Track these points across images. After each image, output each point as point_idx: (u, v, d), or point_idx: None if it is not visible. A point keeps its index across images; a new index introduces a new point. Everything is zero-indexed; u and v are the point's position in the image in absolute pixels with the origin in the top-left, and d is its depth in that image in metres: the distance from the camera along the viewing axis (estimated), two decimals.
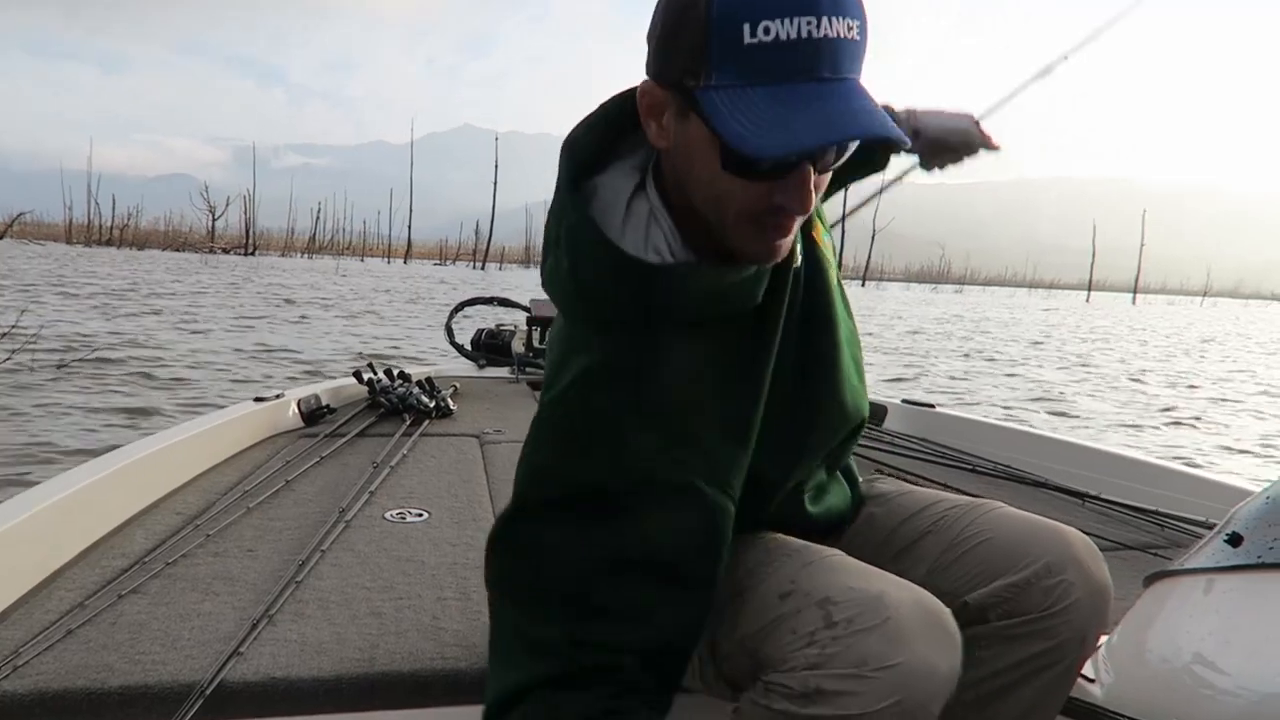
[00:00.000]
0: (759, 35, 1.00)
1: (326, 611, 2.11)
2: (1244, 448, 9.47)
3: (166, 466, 3.09)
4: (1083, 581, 1.32)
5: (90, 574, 2.29)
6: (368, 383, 4.74)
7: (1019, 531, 1.38)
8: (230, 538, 2.61)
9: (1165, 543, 2.89)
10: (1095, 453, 3.70)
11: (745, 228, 1.14)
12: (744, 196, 1.11)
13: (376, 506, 2.98)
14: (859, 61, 1.05)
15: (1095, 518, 3.17)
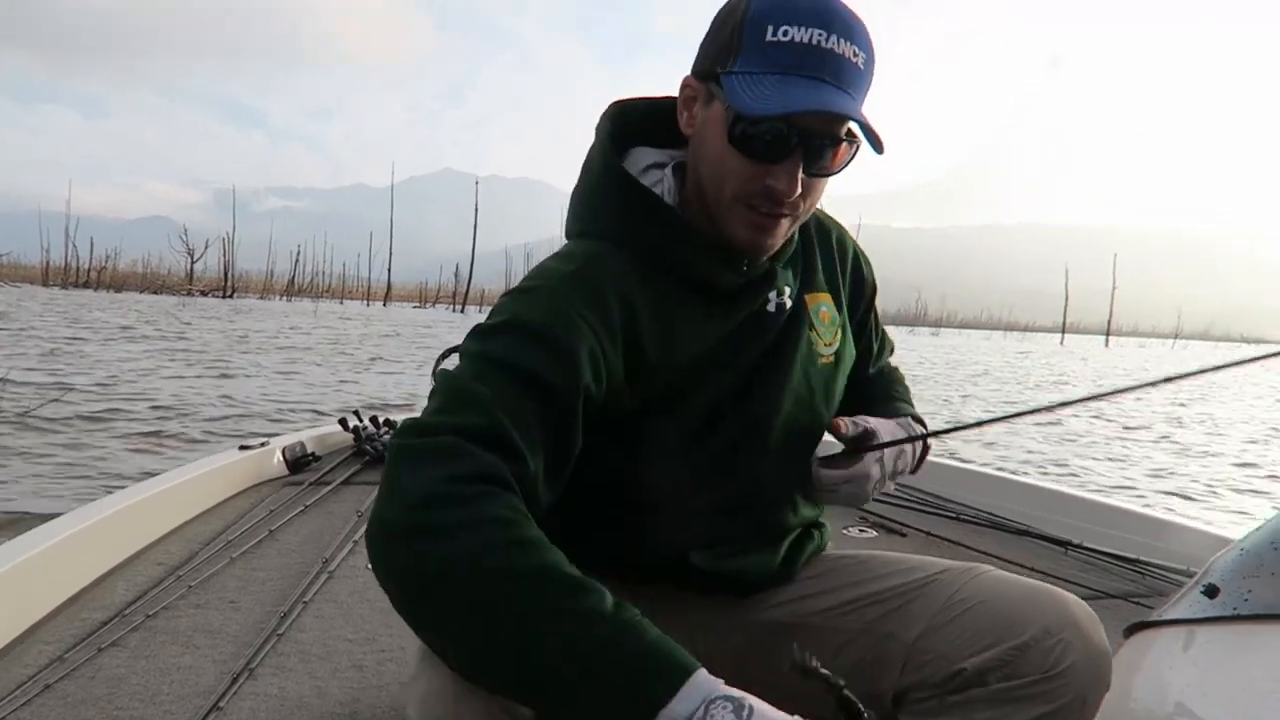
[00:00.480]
0: (778, 35, 1.22)
1: (308, 664, 2.10)
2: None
3: (149, 516, 3.07)
4: (1081, 644, 1.31)
5: (69, 627, 2.27)
6: (353, 430, 4.74)
7: (1015, 596, 1.38)
8: (212, 589, 2.60)
9: (1146, 591, 2.92)
10: (1077, 500, 3.74)
11: (739, 211, 1.30)
12: (741, 174, 1.27)
13: (360, 556, 2.96)
14: (860, 89, 1.25)
15: (1078, 566, 3.20)
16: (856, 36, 1.25)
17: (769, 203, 1.28)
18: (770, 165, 1.26)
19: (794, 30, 1.22)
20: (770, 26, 1.23)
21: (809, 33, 1.22)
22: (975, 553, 3.22)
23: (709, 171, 1.32)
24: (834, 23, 1.23)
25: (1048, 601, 1.34)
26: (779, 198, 1.27)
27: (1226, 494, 9.46)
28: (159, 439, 8.18)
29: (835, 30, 1.23)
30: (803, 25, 1.22)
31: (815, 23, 1.22)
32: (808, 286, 1.52)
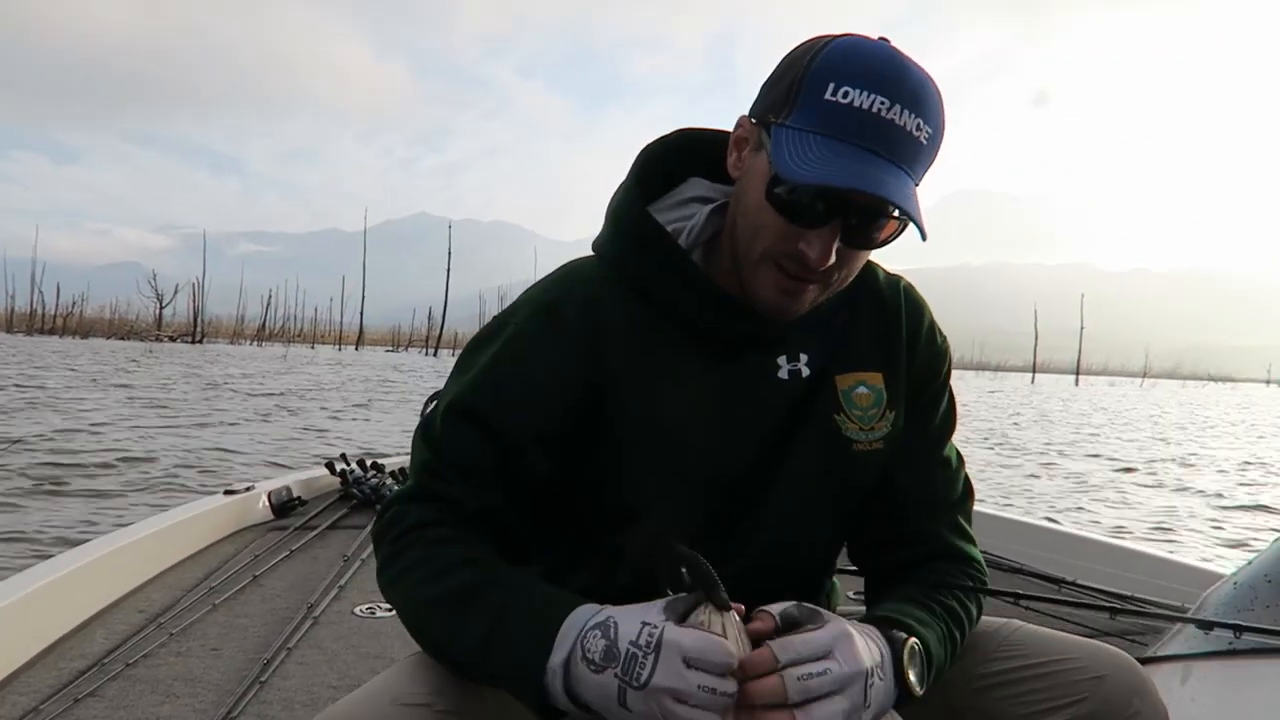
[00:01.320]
0: (837, 96, 1.13)
1: (291, 713, 2.05)
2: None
3: (131, 562, 3.02)
4: (1149, 706, 1.22)
5: (46, 677, 2.21)
6: (340, 474, 4.70)
7: (1070, 655, 1.26)
8: (194, 636, 2.54)
9: (1140, 629, 2.89)
10: (1068, 537, 3.74)
11: (767, 270, 1.22)
12: (775, 233, 1.20)
13: (346, 601, 2.92)
14: (919, 164, 1.17)
15: (1072, 604, 3.15)
16: (924, 109, 1.16)
17: (799, 266, 1.20)
18: (806, 230, 1.18)
19: (855, 93, 1.14)
20: (831, 85, 1.15)
21: (871, 98, 1.13)
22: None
23: (745, 223, 1.25)
24: (901, 92, 1.14)
25: (1113, 660, 1.25)
26: (810, 265, 1.19)
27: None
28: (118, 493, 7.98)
29: (901, 100, 1.14)
30: (866, 90, 1.13)
31: (880, 89, 1.14)
32: (842, 364, 1.38)
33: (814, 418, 1.34)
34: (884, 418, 1.37)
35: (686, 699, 1.00)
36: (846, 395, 1.36)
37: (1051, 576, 3.29)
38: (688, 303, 1.31)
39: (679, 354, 1.31)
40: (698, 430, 1.30)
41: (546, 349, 1.28)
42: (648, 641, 1.02)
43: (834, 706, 1.03)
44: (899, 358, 1.40)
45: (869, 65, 1.15)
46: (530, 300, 1.35)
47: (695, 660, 1.00)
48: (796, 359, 1.34)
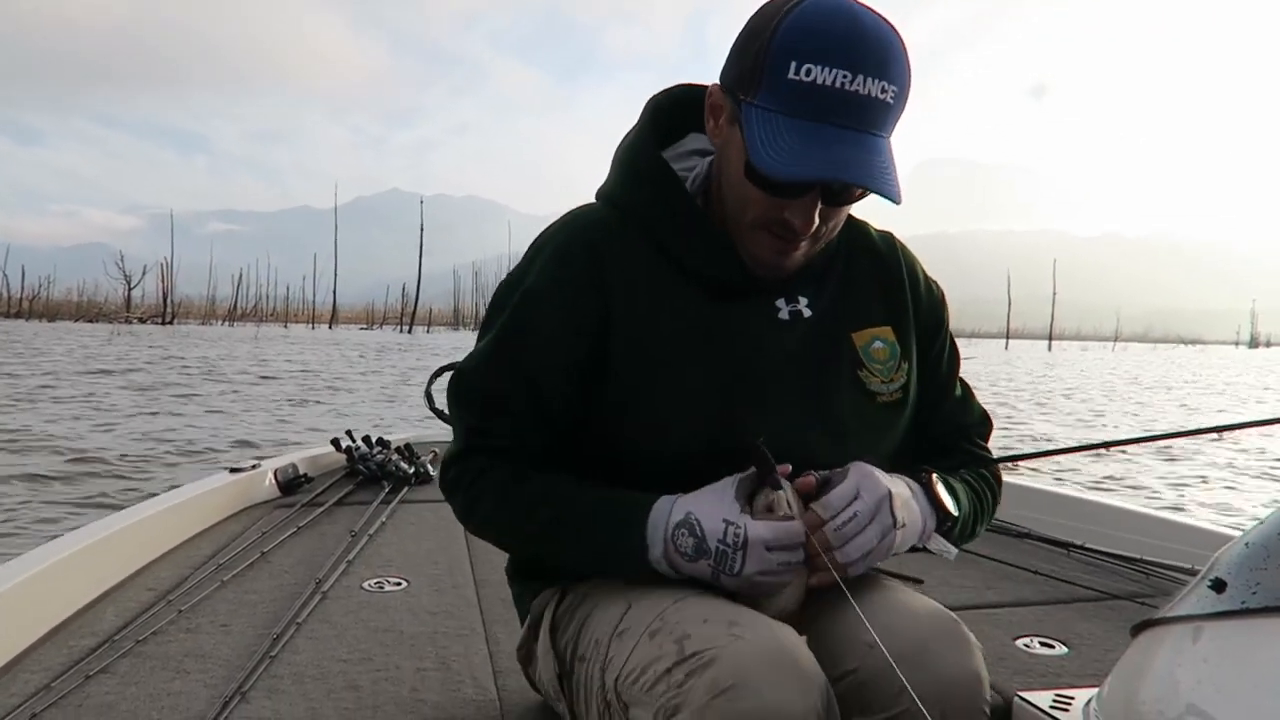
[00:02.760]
0: (800, 74, 1.16)
1: (301, 687, 2.06)
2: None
3: (138, 540, 3.03)
4: (929, 674, 1.21)
5: (57, 655, 2.22)
6: (345, 450, 4.72)
7: (876, 617, 1.27)
8: (203, 613, 2.55)
9: (1151, 591, 2.89)
10: (1079, 502, 3.72)
11: (759, 236, 1.30)
12: (760, 206, 1.27)
13: (354, 576, 2.93)
14: (889, 122, 1.21)
15: (1080, 568, 3.17)
16: (888, 70, 1.18)
17: (787, 231, 1.28)
18: (789, 201, 1.25)
19: (818, 71, 1.16)
20: (794, 63, 1.16)
21: (834, 74, 1.15)
22: (976, 556, 3.18)
23: (730, 194, 1.32)
24: (864, 60, 1.16)
25: (900, 620, 1.28)
26: (796, 231, 1.27)
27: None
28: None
29: (864, 69, 1.16)
30: (828, 65, 1.15)
31: (842, 62, 1.15)
32: (853, 319, 1.45)
33: (837, 372, 1.42)
34: (900, 369, 1.45)
35: (771, 574, 1.22)
36: (866, 351, 1.43)
37: (1061, 541, 3.32)
38: (692, 247, 1.37)
39: (681, 293, 1.37)
40: (697, 364, 1.36)
41: (559, 294, 1.37)
42: (734, 540, 1.21)
43: (866, 537, 1.22)
44: (906, 311, 1.48)
45: (828, 37, 1.16)
46: (540, 250, 1.42)
47: (774, 545, 1.20)
48: (796, 301, 1.41)
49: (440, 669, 2.18)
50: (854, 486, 1.24)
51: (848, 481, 1.25)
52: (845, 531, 1.22)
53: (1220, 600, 1.59)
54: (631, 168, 1.43)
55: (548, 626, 1.52)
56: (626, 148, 1.45)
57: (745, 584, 1.23)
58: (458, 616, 2.56)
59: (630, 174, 1.43)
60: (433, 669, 2.18)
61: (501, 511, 1.38)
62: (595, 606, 1.40)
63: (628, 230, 1.39)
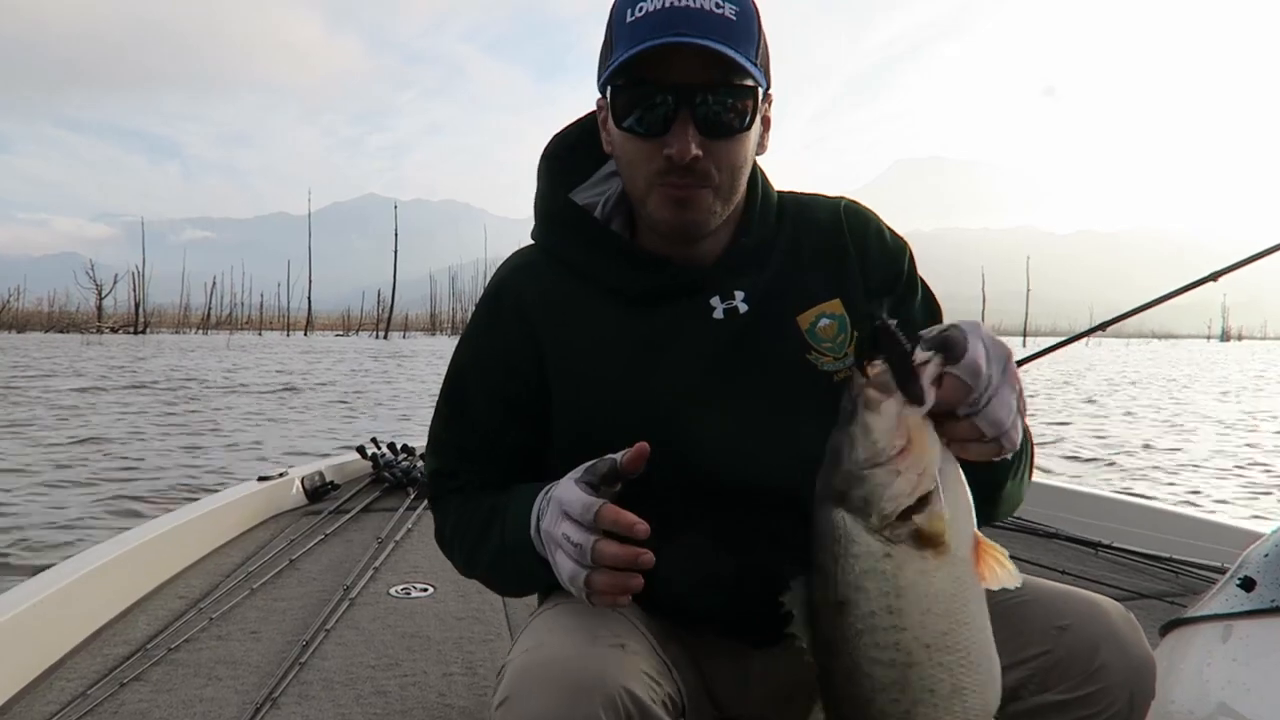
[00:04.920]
0: (636, 14, 1.21)
1: (331, 692, 2.08)
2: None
3: (169, 550, 3.06)
4: (1120, 653, 1.20)
5: (92, 663, 2.25)
6: (371, 458, 4.77)
7: (1045, 602, 1.26)
8: (234, 620, 2.58)
9: (1180, 589, 2.88)
10: (1106, 500, 3.70)
11: (655, 194, 1.27)
12: (641, 155, 1.26)
13: (381, 583, 2.96)
14: (739, 39, 1.21)
15: (1109, 567, 3.16)
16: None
17: (677, 174, 1.24)
18: (663, 136, 1.23)
19: (647, 4, 1.20)
20: (629, 11, 1.22)
21: (661, 1, 1.20)
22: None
23: (624, 173, 1.33)
24: None
25: (1082, 608, 1.24)
26: (680, 164, 1.22)
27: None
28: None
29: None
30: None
31: None
32: (798, 302, 1.38)
33: (781, 363, 1.35)
34: (853, 340, 1.39)
35: (562, 548, 1.16)
36: (812, 333, 1.37)
37: (1088, 540, 3.30)
38: (609, 267, 1.37)
39: (612, 315, 1.36)
40: (632, 377, 1.33)
41: (489, 339, 1.42)
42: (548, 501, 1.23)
43: (1004, 398, 1.00)
44: (852, 278, 1.41)
45: None
46: (483, 295, 1.48)
47: (570, 510, 1.16)
48: (731, 297, 1.36)
49: (467, 674, 2.19)
50: (978, 358, 0.99)
51: (969, 354, 0.99)
52: (989, 409, 1.00)
53: (1249, 599, 1.62)
54: (543, 215, 1.45)
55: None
56: (536, 200, 1.47)
57: (550, 544, 1.19)
58: (484, 621, 2.58)
59: (542, 220, 1.46)
60: (459, 674, 2.19)
61: (455, 531, 1.40)
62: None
63: (553, 267, 1.41)
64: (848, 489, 0.95)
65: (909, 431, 0.95)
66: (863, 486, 0.95)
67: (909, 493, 0.93)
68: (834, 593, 0.96)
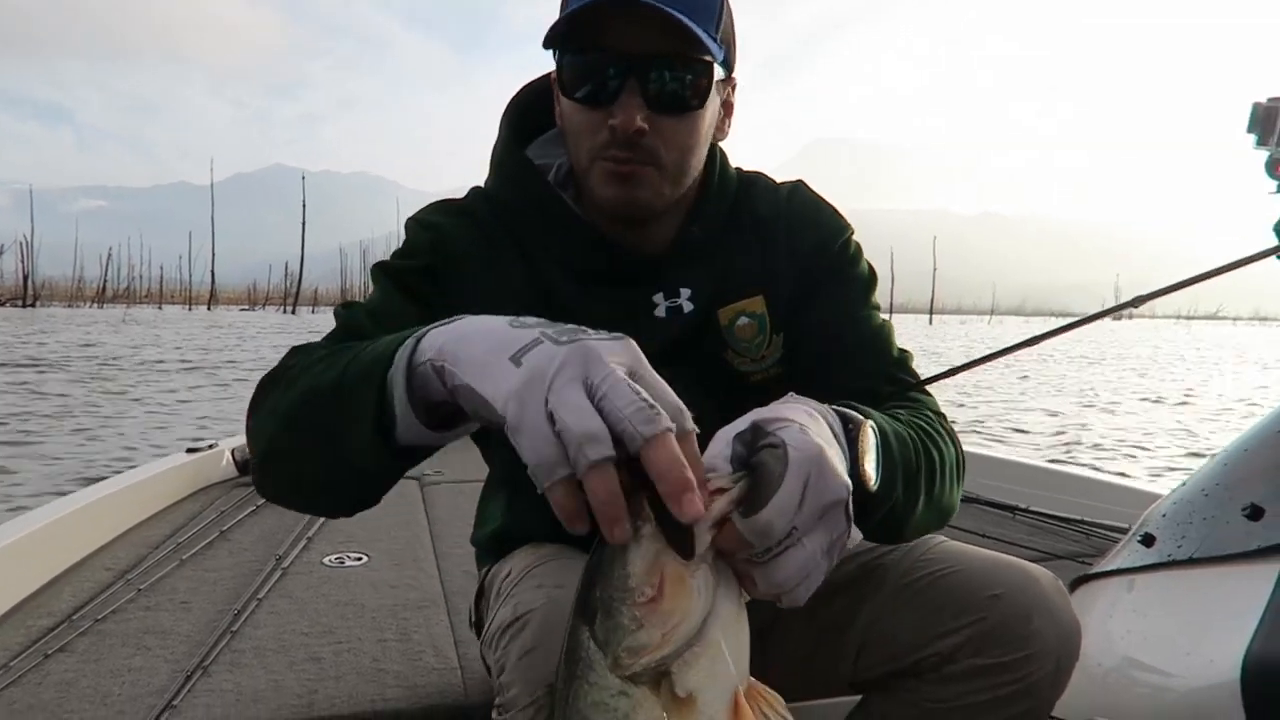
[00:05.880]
0: None
1: (263, 660, 2.08)
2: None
3: (95, 521, 3.01)
4: (1051, 619, 1.22)
5: (14, 635, 2.22)
6: None
7: (977, 570, 1.26)
8: (163, 591, 2.55)
9: (1092, 550, 3.01)
10: (1022, 467, 3.88)
11: (598, 171, 1.21)
12: (586, 126, 1.20)
13: (315, 552, 2.95)
14: (699, 11, 1.15)
15: (1025, 530, 3.31)
16: None
17: (621, 148, 1.18)
18: (609, 107, 1.17)
19: None
20: None
21: None
22: None
23: (569, 143, 1.27)
24: None
25: (1014, 576, 1.24)
26: (623, 138, 1.17)
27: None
28: None
29: None
30: None
31: None
32: (723, 296, 1.33)
33: (700, 357, 1.32)
34: (770, 344, 1.34)
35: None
36: (729, 331, 1.33)
37: (1005, 504, 3.43)
38: (550, 237, 1.32)
39: (541, 288, 1.30)
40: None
41: (454, 233, 1.32)
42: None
43: (797, 557, 0.80)
44: (779, 269, 1.35)
45: None
46: (436, 205, 1.39)
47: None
48: (676, 294, 1.31)
49: (401, 640, 2.21)
50: (797, 483, 0.79)
51: (789, 477, 0.78)
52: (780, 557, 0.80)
53: (1149, 554, 1.72)
54: (498, 168, 1.38)
55: (475, 596, 1.56)
56: (494, 148, 1.39)
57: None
58: (418, 589, 2.60)
59: (496, 173, 1.38)
60: (394, 640, 2.21)
61: (283, 378, 1.07)
62: (499, 574, 1.40)
63: (493, 223, 1.34)
64: (595, 612, 0.77)
65: (664, 583, 0.75)
66: (608, 620, 0.76)
67: (652, 647, 0.75)
68: (560, 714, 0.80)
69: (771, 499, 0.77)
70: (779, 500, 0.77)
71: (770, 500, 0.76)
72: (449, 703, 1.90)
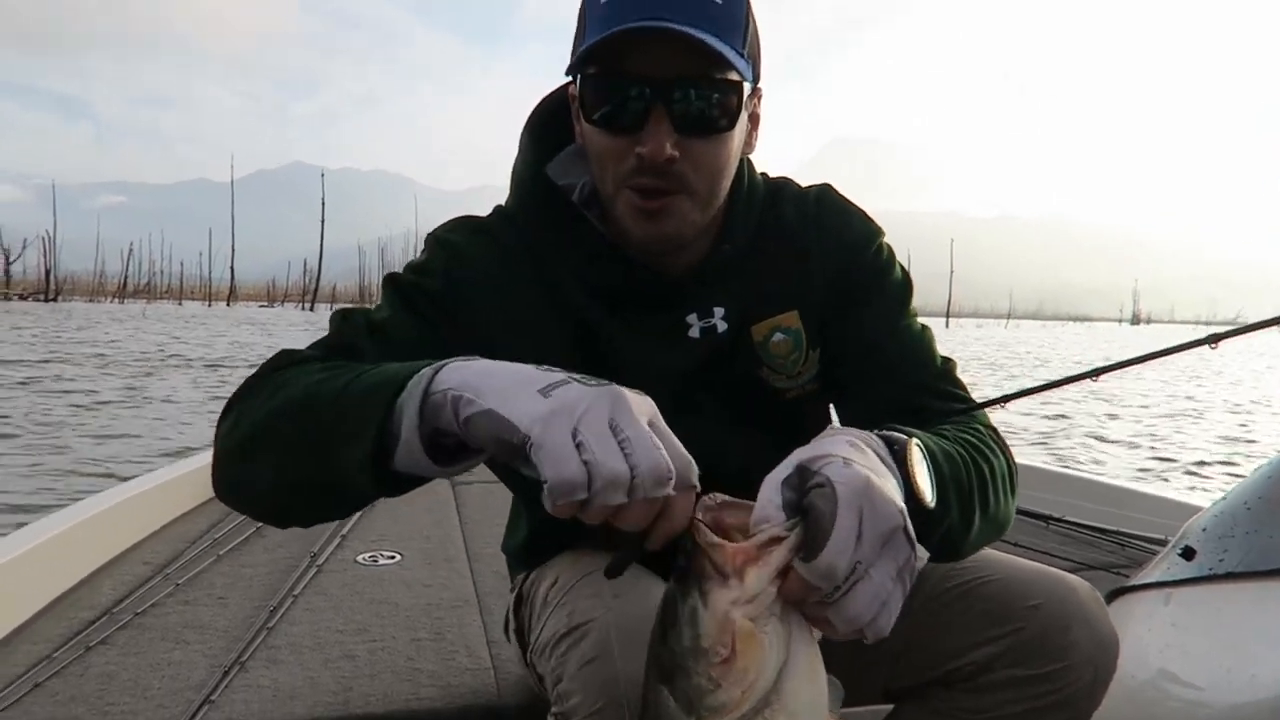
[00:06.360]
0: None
1: (299, 656, 2.11)
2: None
3: (134, 516, 3.06)
4: (1089, 630, 1.20)
5: (57, 627, 2.26)
6: None
7: (1017, 581, 1.25)
8: (200, 586, 2.59)
9: (1127, 562, 2.96)
10: (1058, 476, 3.82)
11: (625, 201, 1.16)
12: (612, 153, 1.14)
13: (349, 550, 2.98)
14: (724, 26, 1.10)
15: (1059, 540, 3.26)
16: None
17: (650, 177, 1.13)
18: (637, 133, 1.11)
19: None
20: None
21: None
22: None
23: (594, 169, 1.21)
24: None
25: (1053, 586, 1.23)
26: (652, 166, 1.12)
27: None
28: None
29: None
30: None
31: None
32: (757, 312, 1.30)
33: (738, 375, 1.29)
34: (807, 359, 1.31)
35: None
36: (764, 347, 1.29)
37: (1039, 514, 3.38)
38: (579, 260, 1.27)
39: (572, 310, 1.27)
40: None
41: (476, 255, 1.26)
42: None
43: (868, 589, 0.79)
44: (812, 284, 1.31)
45: None
46: (458, 222, 1.33)
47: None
48: (710, 314, 1.27)
49: (435, 639, 2.22)
50: (851, 518, 0.78)
51: (842, 513, 0.78)
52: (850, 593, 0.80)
53: (1189, 567, 1.71)
54: (519, 187, 1.32)
55: (513, 603, 1.54)
56: (514, 166, 1.34)
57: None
58: (451, 589, 2.61)
59: (517, 192, 1.33)
60: (428, 639, 2.22)
61: (257, 392, 1.05)
62: (542, 581, 1.37)
63: (515, 246, 1.29)
64: (672, 672, 0.79)
65: (736, 641, 0.77)
66: (685, 680, 0.78)
67: (733, 705, 0.77)
68: None
69: (829, 540, 0.77)
70: (836, 540, 0.77)
71: (828, 541, 0.77)
72: (483, 703, 1.91)
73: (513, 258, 1.28)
